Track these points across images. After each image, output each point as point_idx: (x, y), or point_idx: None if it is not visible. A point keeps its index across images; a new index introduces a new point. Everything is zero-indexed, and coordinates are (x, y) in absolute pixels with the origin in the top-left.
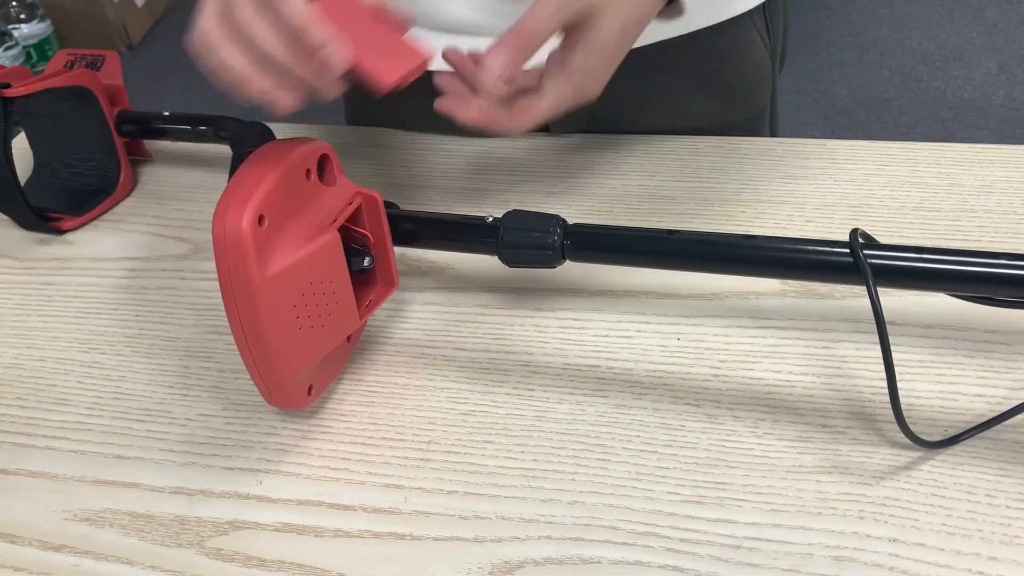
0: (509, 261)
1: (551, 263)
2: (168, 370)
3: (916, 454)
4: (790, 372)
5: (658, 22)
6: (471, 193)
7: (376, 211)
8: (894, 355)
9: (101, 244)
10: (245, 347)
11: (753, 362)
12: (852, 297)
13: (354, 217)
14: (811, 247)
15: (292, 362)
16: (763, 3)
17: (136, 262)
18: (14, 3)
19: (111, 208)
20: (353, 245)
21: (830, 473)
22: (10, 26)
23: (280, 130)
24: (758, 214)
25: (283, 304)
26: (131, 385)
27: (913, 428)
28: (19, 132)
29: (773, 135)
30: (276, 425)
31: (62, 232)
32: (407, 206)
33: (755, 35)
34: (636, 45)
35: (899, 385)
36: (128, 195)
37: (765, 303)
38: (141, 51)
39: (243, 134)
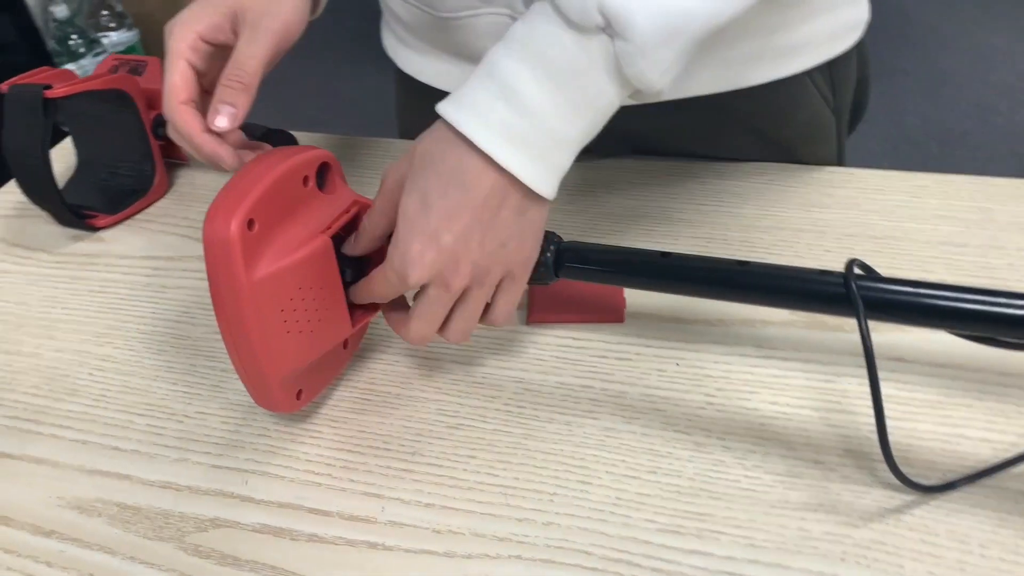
0: None
1: (544, 280)
2: (175, 367)
3: (909, 497)
4: (787, 404)
5: (639, 102)
6: None
7: None
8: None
9: (130, 242)
10: (232, 347)
11: (751, 392)
12: None
13: (352, 226)
14: (804, 276)
15: (278, 365)
16: (827, 62)
17: (160, 261)
18: (105, 12)
19: (144, 208)
20: (347, 255)
21: (816, 511)
22: (100, 34)
23: (312, 139)
24: (777, 241)
25: (270, 307)
26: (138, 380)
27: (909, 471)
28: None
29: None
30: (268, 427)
31: (96, 229)
32: None
33: (812, 92)
34: (675, 97)
35: (901, 424)
36: (162, 197)
37: (771, 332)
38: None
39: (267, 140)
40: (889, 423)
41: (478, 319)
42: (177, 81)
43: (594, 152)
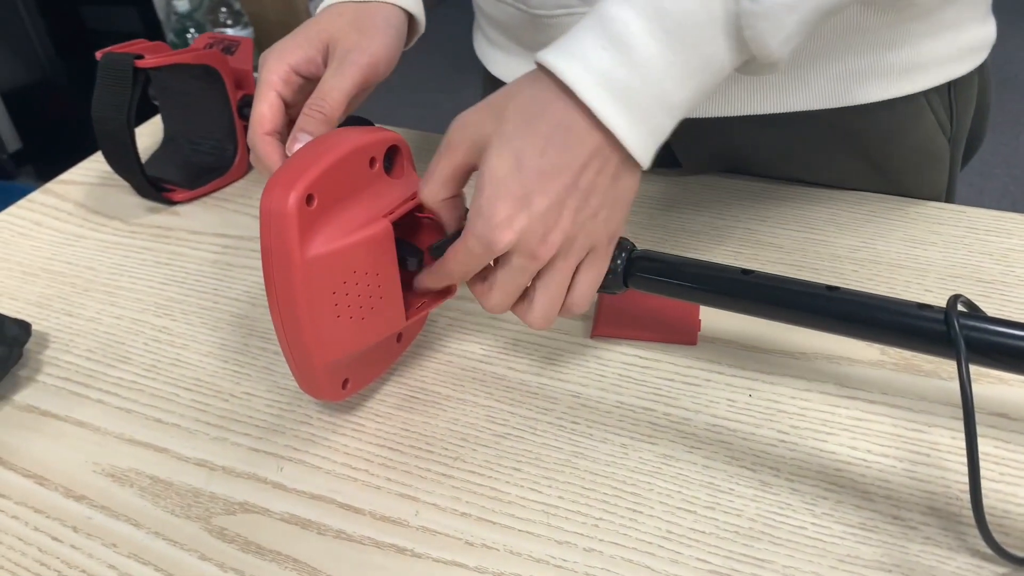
0: None
1: (611, 288)
2: (228, 345)
3: (1001, 570)
4: (868, 451)
5: (751, 75)
6: None
7: None
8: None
9: (203, 218)
10: (280, 325)
11: (828, 433)
12: None
13: (417, 214)
14: (900, 308)
15: (325, 349)
16: (948, 83)
17: (230, 240)
18: (223, 9)
19: (222, 187)
20: (410, 243)
21: (890, 572)
22: (216, 30)
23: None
24: (872, 276)
25: (322, 288)
26: (190, 354)
27: (1004, 540)
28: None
29: None
30: (311, 415)
31: (172, 203)
32: None
33: (928, 115)
34: (778, 110)
35: (998, 487)
36: (241, 177)
37: (857, 371)
38: None
39: (343, 126)
40: (985, 484)
41: (562, 298)
42: (264, 111)
43: (684, 168)
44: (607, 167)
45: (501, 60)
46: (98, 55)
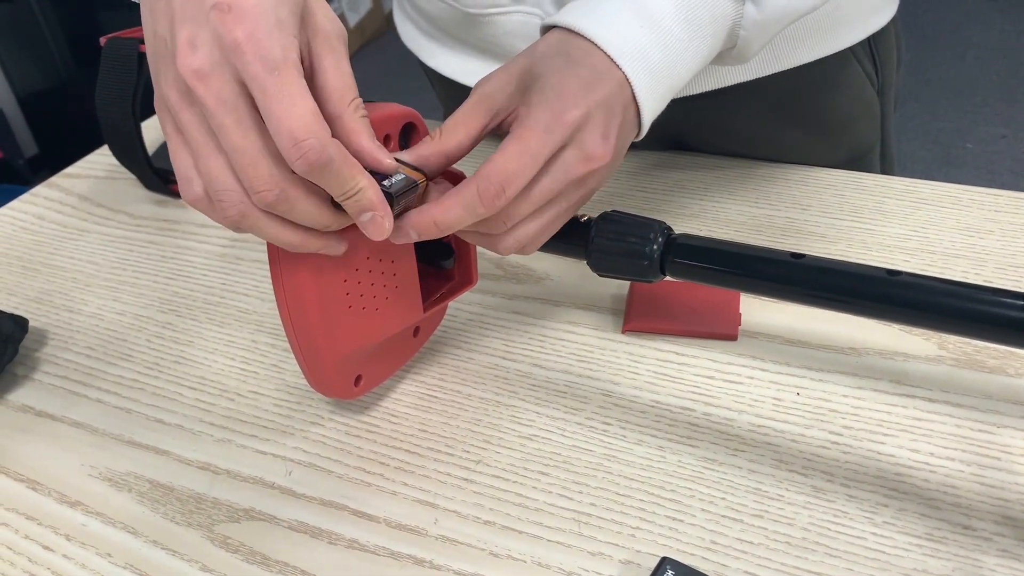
0: (597, 267)
1: (646, 276)
2: (235, 342)
3: None
4: (931, 453)
5: (718, 65)
6: None
7: None
8: None
9: None
10: (286, 316)
11: (886, 435)
12: None
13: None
14: (976, 294)
15: (336, 342)
16: (868, 36)
17: (238, 233)
18: None
19: None
20: (444, 243)
21: None
22: None
23: None
24: (925, 266)
25: (332, 275)
26: (195, 351)
27: None
28: None
29: None
30: (322, 415)
31: (179, 196)
32: None
33: (855, 66)
34: (716, 87)
35: None
36: None
37: (914, 367)
38: None
39: None
40: None
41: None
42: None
43: (639, 146)
44: (628, 112)
45: (438, 52)
46: (102, 40)
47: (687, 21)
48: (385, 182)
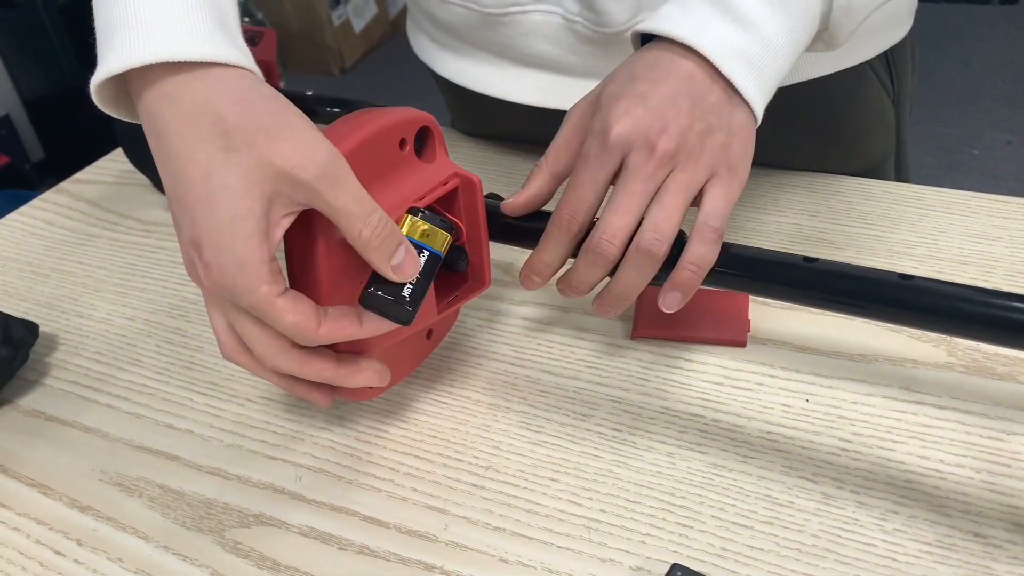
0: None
1: (659, 279)
2: None
3: None
4: (941, 460)
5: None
6: None
7: (474, 197)
8: None
9: None
10: None
11: (896, 441)
12: None
13: (449, 202)
14: (989, 298)
15: (348, 344)
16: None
17: None
18: (245, 19)
19: None
20: (457, 245)
21: None
22: None
23: None
24: (934, 272)
25: (345, 274)
26: (205, 357)
27: None
28: None
29: None
30: (332, 420)
31: None
32: None
33: (871, 77)
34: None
35: None
36: None
37: (924, 374)
38: (352, 74)
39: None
40: None
41: (682, 214)
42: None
43: None
44: (715, 87)
45: (450, 60)
46: None
47: (788, 16)
48: (404, 291)
